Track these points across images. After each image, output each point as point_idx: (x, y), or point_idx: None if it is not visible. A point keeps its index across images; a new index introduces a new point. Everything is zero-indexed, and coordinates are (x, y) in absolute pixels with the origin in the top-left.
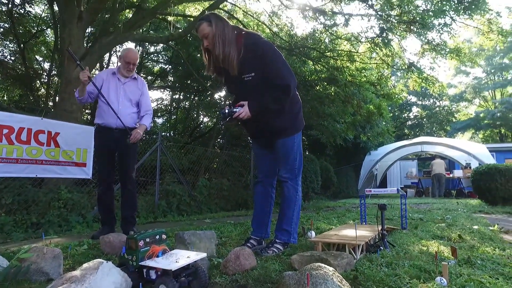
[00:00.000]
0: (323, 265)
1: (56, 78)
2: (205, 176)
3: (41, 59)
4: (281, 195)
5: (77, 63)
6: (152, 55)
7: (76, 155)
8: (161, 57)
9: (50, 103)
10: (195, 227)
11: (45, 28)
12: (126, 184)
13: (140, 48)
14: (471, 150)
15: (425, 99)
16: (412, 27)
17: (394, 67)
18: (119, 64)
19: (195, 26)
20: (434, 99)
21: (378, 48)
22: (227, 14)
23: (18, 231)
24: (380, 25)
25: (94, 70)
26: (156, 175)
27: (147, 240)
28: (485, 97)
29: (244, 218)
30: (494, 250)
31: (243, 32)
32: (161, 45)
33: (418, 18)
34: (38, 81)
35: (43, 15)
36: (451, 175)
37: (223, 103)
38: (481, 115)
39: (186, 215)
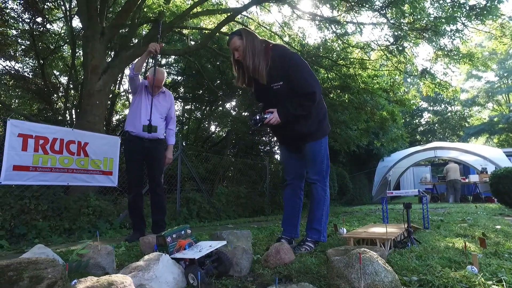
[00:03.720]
0: (367, 249)
1: (72, 91)
2: (223, 184)
3: (58, 73)
4: (310, 196)
5: (158, 36)
6: (164, 67)
7: (103, 164)
8: (172, 69)
9: (68, 116)
10: (221, 231)
11: (62, 44)
12: (155, 190)
13: (152, 60)
14: (486, 155)
15: (436, 104)
16: (424, 34)
17: (407, 73)
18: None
19: (211, 38)
20: (446, 104)
21: (391, 56)
22: (241, 26)
23: (54, 236)
24: (394, 33)
25: (115, 84)
26: (177, 183)
27: (174, 236)
28: (499, 101)
29: (266, 223)
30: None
31: (271, 45)
32: (173, 57)
33: (430, 25)
34: (55, 95)
35: (61, 31)
36: (466, 180)
37: (234, 113)
38: (495, 119)
39: (207, 221)
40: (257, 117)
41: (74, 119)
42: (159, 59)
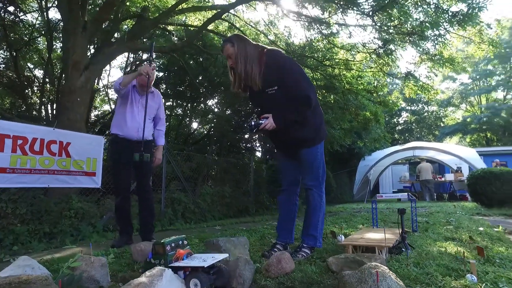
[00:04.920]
0: (379, 264)
1: (49, 86)
2: (208, 183)
3: (32, 66)
4: (306, 202)
5: (150, 58)
6: (145, 63)
7: (86, 164)
8: (154, 64)
9: (43, 112)
10: (209, 234)
11: (37, 35)
12: (144, 193)
13: (132, 55)
14: (461, 154)
15: (414, 104)
16: (411, 38)
17: (391, 75)
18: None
19: (197, 36)
20: (423, 104)
21: (378, 58)
22: (228, 24)
23: (33, 241)
24: (383, 37)
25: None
26: (162, 183)
27: (173, 245)
28: (471, 102)
29: (253, 225)
30: (507, 249)
31: (265, 50)
32: (154, 53)
33: (417, 30)
34: (29, 89)
35: (36, 22)
36: (442, 179)
37: (216, 110)
38: (468, 119)
39: (193, 222)
40: (253, 123)
41: (50, 115)
42: (141, 55)
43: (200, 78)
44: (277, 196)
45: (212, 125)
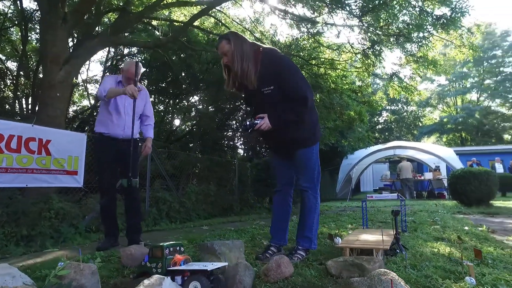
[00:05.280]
0: (388, 271)
1: (23, 79)
2: (193, 181)
3: (4, 58)
4: (301, 203)
5: (135, 79)
6: (126, 57)
7: (68, 163)
8: (136, 59)
9: (17, 106)
10: (198, 235)
11: (10, 25)
12: (130, 193)
13: (113, 50)
14: (440, 154)
15: (394, 104)
16: (398, 40)
17: (377, 76)
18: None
19: (183, 31)
20: (403, 104)
21: (365, 58)
22: (214, 20)
23: (10, 245)
24: (371, 38)
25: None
26: (147, 182)
27: (171, 249)
28: (448, 103)
29: (241, 225)
30: (495, 249)
31: (260, 48)
32: (136, 48)
33: (404, 32)
34: (2, 82)
35: (8, 11)
36: (422, 177)
37: (200, 107)
38: (445, 120)
39: (178, 222)
40: (248, 123)
41: (25, 110)
42: (122, 49)
43: (183, 74)
44: (272, 196)
45: (195, 122)
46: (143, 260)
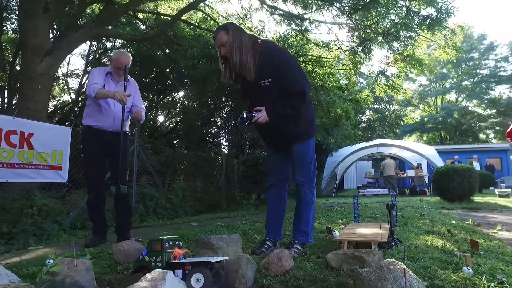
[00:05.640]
0: (396, 261)
1: None
2: (180, 177)
3: None
4: (297, 198)
5: (125, 84)
6: (109, 51)
7: (52, 157)
8: None
9: None
10: (188, 231)
11: None
12: (121, 183)
13: (95, 43)
14: (423, 152)
15: (377, 103)
16: (387, 39)
17: (364, 74)
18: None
19: (171, 25)
20: (385, 103)
21: (354, 55)
22: (202, 15)
23: None
24: (361, 35)
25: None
26: (133, 178)
27: (170, 243)
28: (428, 102)
29: (230, 220)
30: (484, 241)
31: (259, 40)
32: (119, 42)
33: (393, 30)
34: None
35: None
36: (404, 175)
37: (186, 103)
38: (426, 119)
39: (166, 218)
40: (245, 115)
41: (1, 103)
42: (105, 43)
43: (168, 70)
44: (266, 191)
45: (179, 119)
46: (141, 255)
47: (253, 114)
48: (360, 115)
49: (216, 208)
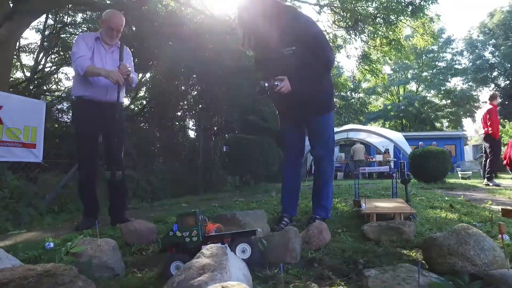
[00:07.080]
0: (469, 225)
1: None
2: (159, 159)
3: None
4: (316, 172)
5: (120, 62)
6: (69, 27)
7: (24, 134)
8: (80, 30)
9: None
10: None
11: None
12: (116, 168)
13: (52, 16)
14: (391, 137)
15: (343, 90)
16: (376, 21)
17: (348, 56)
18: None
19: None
20: (351, 92)
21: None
22: None
23: None
24: (354, 16)
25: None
26: None
27: (201, 216)
28: (392, 91)
29: (219, 202)
30: (490, 214)
31: (282, 7)
32: (80, 15)
33: (382, 14)
34: None
35: None
36: (373, 159)
37: (149, 86)
38: (389, 107)
39: (150, 200)
40: (266, 84)
41: None
42: (62, 17)
43: (132, 50)
44: (282, 167)
45: (146, 101)
46: (171, 230)
47: (276, 83)
48: None
49: (197, 191)
